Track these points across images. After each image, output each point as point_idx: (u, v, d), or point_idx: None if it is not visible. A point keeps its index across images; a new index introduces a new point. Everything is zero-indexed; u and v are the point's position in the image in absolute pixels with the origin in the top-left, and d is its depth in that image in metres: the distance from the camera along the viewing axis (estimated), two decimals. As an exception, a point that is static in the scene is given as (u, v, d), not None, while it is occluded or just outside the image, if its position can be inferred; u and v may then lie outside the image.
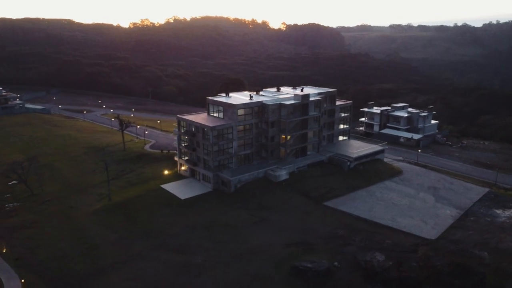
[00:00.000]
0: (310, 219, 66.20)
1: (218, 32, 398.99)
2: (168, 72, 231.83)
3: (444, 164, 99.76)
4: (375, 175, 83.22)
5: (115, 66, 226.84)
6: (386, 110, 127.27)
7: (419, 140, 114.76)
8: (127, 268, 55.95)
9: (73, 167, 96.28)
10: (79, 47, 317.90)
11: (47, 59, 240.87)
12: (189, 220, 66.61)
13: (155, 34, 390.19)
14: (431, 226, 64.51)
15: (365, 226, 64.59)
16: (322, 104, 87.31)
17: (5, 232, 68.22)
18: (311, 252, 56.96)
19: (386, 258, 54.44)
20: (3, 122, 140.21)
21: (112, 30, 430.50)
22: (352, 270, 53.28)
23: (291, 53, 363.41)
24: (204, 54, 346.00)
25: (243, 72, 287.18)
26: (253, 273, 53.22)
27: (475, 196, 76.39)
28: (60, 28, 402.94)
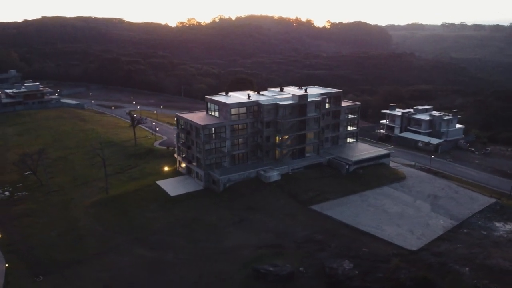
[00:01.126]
0: (291, 222, 65.18)
1: (259, 31, 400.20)
2: (202, 71, 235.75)
3: (459, 172, 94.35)
4: (374, 180, 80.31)
5: (152, 64, 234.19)
6: (407, 112, 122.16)
7: (438, 145, 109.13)
8: (102, 260, 57.99)
9: (85, 160, 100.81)
10: (124, 45, 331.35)
11: (90, 56, 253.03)
12: (172, 217, 67.80)
13: (199, 33, 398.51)
14: (417, 236, 61.35)
15: (347, 232, 62.59)
16: (323, 105, 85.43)
17: (7, 219, 72.86)
18: (280, 256, 56.16)
19: (354, 267, 52.59)
20: (38, 115, 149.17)
21: (160, 29, 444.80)
22: (317, 276, 51.95)
23: (331, 52, 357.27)
24: (244, 53, 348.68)
25: (278, 71, 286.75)
26: (217, 273, 53.33)
27: (477, 206, 71.67)
28: (110, 26, 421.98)
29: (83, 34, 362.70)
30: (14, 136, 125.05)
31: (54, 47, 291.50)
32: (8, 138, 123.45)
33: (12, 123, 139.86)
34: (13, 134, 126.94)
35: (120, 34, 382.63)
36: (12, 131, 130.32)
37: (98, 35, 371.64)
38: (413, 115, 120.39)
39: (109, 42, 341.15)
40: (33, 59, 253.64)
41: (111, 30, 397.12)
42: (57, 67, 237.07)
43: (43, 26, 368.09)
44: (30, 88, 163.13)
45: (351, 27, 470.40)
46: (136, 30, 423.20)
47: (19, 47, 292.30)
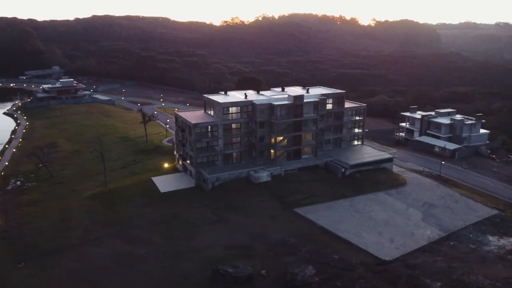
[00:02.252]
0: (269, 224, 64.43)
1: (300, 30, 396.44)
2: (234, 69, 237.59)
3: (471, 180, 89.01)
4: (370, 185, 77.55)
5: (186, 62, 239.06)
6: (427, 115, 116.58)
7: (455, 151, 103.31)
8: (80, 251, 60.14)
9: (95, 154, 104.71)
10: (166, 44, 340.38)
11: (129, 54, 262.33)
12: (156, 212, 69.07)
13: (240, 32, 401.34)
14: (395, 245, 58.62)
15: (323, 237, 60.97)
16: (322, 106, 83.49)
17: (12, 207, 77.34)
18: (247, 257, 55.73)
19: (317, 273, 51.21)
20: (69, 110, 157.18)
21: (203, 28, 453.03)
22: (277, 281, 51.06)
23: (373, 50, 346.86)
24: (281, 51, 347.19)
25: (313, 69, 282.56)
26: (180, 271, 53.83)
27: (474, 217, 67.30)
28: (155, 25, 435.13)
29: (128, 33, 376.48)
30: (41, 129, 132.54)
31: (98, 45, 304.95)
32: (35, 130, 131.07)
33: (43, 116, 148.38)
34: (41, 127, 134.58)
35: (163, 33, 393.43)
36: (40, 124, 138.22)
37: (142, 34, 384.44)
38: (433, 118, 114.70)
39: (151, 41, 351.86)
40: (76, 56, 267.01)
41: (156, 29, 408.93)
42: (97, 64, 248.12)
43: (91, 25, 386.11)
44: (64, 84, 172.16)
45: (397, 26, 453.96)
46: (180, 29, 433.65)
47: (66, 44, 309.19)
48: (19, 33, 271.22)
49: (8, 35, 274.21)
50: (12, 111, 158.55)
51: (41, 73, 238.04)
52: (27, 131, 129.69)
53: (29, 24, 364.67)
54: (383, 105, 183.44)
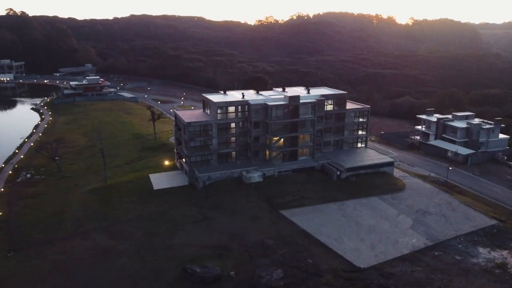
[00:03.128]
0: (251, 225, 64.01)
1: (333, 29, 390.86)
2: (259, 69, 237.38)
3: (480, 187, 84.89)
4: (365, 189, 75.44)
5: (212, 61, 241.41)
6: (443, 118, 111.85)
7: (468, 156, 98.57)
8: (66, 243, 62.15)
9: (108, 150, 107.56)
10: (197, 43, 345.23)
11: (159, 53, 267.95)
12: (144, 209, 70.32)
13: (272, 31, 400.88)
14: (375, 253, 56.75)
15: (303, 240, 59.95)
16: (320, 107, 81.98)
17: (16, 198, 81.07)
18: (221, 258, 55.75)
19: (285, 277, 50.48)
20: (92, 106, 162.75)
21: (237, 27, 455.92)
22: (244, 283, 50.75)
23: (408, 50, 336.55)
24: (313, 50, 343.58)
25: (342, 69, 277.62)
26: (152, 268, 54.55)
27: (468, 227, 64.03)
28: (190, 25, 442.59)
29: (162, 32, 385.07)
30: (62, 124, 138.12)
31: (131, 43, 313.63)
32: (56, 125, 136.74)
33: (67, 112, 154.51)
34: (62, 123, 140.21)
35: (196, 32, 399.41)
36: (63, 119, 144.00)
37: (176, 33, 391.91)
38: (449, 121, 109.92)
39: (183, 40, 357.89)
40: (109, 54, 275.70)
41: (189, 28, 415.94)
42: (127, 63, 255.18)
43: (127, 24, 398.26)
44: (91, 81, 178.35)
45: (435, 25, 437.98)
46: (213, 29, 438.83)
47: (101, 42, 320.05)
48: (56, 32, 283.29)
49: (46, 34, 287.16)
50: (39, 107, 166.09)
51: (75, 70, 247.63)
52: (48, 126, 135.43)
53: (68, 23, 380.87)
54: (409, 107, 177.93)
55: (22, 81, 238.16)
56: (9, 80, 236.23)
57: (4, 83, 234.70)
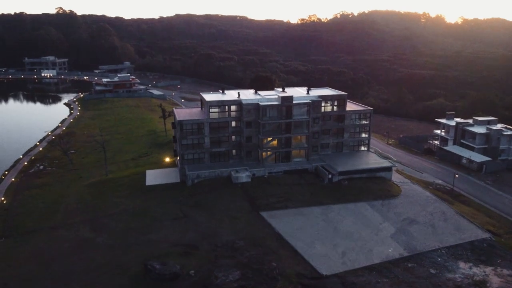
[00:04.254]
0: (227, 225, 63.69)
1: (376, 27, 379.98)
2: (290, 68, 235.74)
3: (488, 197, 79.93)
4: (355, 194, 72.90)
5: (243, 60, 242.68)
6: (462, 123, 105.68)
7: (482, 164, 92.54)
8: (52, 233, 64.99)
9: (122, 145, 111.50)
10: (235, 42, 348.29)
11: (193, 52, 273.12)
12: (130, 204, 71.93)
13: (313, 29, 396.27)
14: (344, 260, 54.72)
15: (274, 243, 58.95)
16: (317, 108, 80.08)
17: (23, 188, 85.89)
18: (187, 256, 55.98)
19: (240, 279, 49.94)
20: (119, 102, 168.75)
21: (278, 26, 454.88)
22: (201, 282, 50.65)
23: (453, 50, 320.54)
24: (352, 49, 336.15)
25: (379, 69, 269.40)
26: (120, 261, 55.71)
27: (455, 239, 60.20)
28: (232, 24, 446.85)
29: (203, 31, 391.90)
30: (87, 119, 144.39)
31: (171, 42, 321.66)
32: (81, 120, 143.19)
33: (95, 108, 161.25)
34: (88, 117, 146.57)
35: (236, 31, 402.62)
36: (89, 115, 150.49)
37: (216, 32, 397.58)
38: (468, 126, 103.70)
39: (223, 39, 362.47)
40: (148, 53, 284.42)
41: (230, 28, 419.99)
42: (163, 61, 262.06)
43: (171, 23, 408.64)
44: (121, 79, 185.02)
45: (486, 24, 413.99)
46: (254, 28, 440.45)
47: (143, 41, 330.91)
48: (98, 30, 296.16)
49: (90, 32, 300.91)
50: (71, 102, 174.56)
51: (114, 67, 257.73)
52: (74, 121, 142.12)
53: (115, 22, 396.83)
54: (440, 110, 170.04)
55: (64, 77, 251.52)
56: (52, 76, 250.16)
57: (48, 78, 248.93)
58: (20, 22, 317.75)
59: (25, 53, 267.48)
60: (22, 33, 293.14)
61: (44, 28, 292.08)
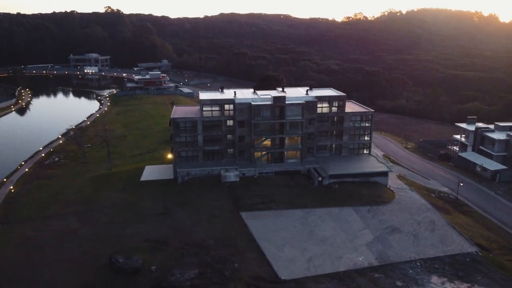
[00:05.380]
0: (204, 223, 63.81)
1: (422, 26, 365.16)
2: (322, 67, 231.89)
3: (496, 208, 75.25)
4: (344, 198, 70.66)
5: (276, 59, 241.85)
6: (482, 128, 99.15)
7: (496, 172, 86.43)
8: (43, 222, 68.13)
9: (136, 141, 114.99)
10: (274, 41, 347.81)
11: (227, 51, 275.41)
12: (120, 198, 74.06)
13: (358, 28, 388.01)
14: (308, 266, 53.24)
15: (243, 244, 58.44)
16: (311, 109, 78.32)
17: (33, 178, 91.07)
18: (154, 251, 56.85)
19: (196, 278, 50.08)
20: (147, 99, 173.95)
21: (322, 24, 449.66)
22: (159, 278, 51.30)
23: (501, 51, 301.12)
24: (394, 49, 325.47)
25: (421, 69, 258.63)
26: (92, 253, 57.51)
27: (435, 252, 56.76)
28: (274, 23, 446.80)
29: (245, 30, 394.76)
30: (113, 115, 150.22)
31: (210, 41, 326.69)
32: (107, 115, 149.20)
33: (123, 104, 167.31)
34: (114, 113, 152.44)
35: (277, 30, 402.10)
36: (116, 110, 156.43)
37: (258, 31, 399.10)
38: (488, 132, 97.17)
39: (262, 38, 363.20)
40: (186, 51, 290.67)
41: (272, 26, 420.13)
42: (199, 60, 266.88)
43: (213, 22, 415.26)
44: (152, 76, 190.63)
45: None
46: (296, 26, 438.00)
47: (184, 40, 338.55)
48: (140, 29, 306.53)
49: (134, 31, 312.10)
50: (103, 98, 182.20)
51: (152, 65, 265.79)
52: (100, 116, 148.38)
53: (161, 21, 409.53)
54: (475, 113, 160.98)
55: (105, 74, 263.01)
56: (94, 72, 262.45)
57: (90, 74, 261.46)
58: (70, 20, 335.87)
59: (71, 50, 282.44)
60: (70, 31, 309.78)
61: (90, 26, 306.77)
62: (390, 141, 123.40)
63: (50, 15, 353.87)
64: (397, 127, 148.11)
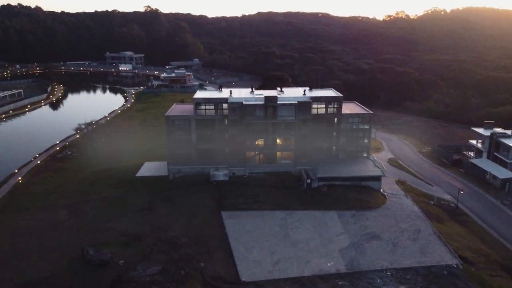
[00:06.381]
0: (183, 221, 64.36)
1: (464, 26, 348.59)
2: (351, 67, 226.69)
3: (498, 220, 71.01)
4: (330, 202, 68.90)
5: (303, 58, 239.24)
6: (498, 134, 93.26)
7: (506, 181, 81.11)
8: (35, 213, 71.22)
9: (148, 138, 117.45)
10: (308, 39, 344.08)
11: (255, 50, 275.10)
12: (111, 192, 76.05)
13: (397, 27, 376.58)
14: (273, 269, 52.34)
15: (215, 243, 58.46)
16: (305, 110, 76.79)
17: (42, 170, 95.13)
18: (126, 246, 58.00)
19: (157, 274, 50.57)
20: (169, 97, 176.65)
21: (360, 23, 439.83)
22: (122, 271, 52.18)
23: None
24: (432, 48, 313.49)
25: (456, 70, 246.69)
26: (70, 244, 59.31)
27: (411, 262, 54.11)
28: (311, 21, 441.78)
29: (280, 28, 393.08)
30: (133, 111, 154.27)
31: (242, 40, 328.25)
32: (128, 112, 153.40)
33: (146, 101, 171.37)
34: (134, 110, 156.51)
35: (313, 28, 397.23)
36: (137, 107, 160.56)
37: (293, 29, 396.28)
38: (504, 138, 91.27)
39: (296, 36, 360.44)
40: (217, 50, 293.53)
41: (308, 25, 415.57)
42: (228, 59, 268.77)
43: (249, 21, 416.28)
44: (178, 75, 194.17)
45: None
46: (333, 25, 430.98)
47: (218, 39, 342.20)
48: (175, 28, 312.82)
49: (169, 29, 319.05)
50: (129, 95, 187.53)
51: (183, 64, 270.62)
52: (121, 112, 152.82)
53: (198, 19, 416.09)
54: (507, 117, 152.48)
55: (138, 71, 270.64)
56: (128, 69, 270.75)
57: (124, 72, 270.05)
58: (110, 18, 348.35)
59: (108, 47, 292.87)
60: (109, 29, 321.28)
61: (128, 25, 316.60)
62: (406, 145, 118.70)
63: (92, 13, 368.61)
64: (418, 130, 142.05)
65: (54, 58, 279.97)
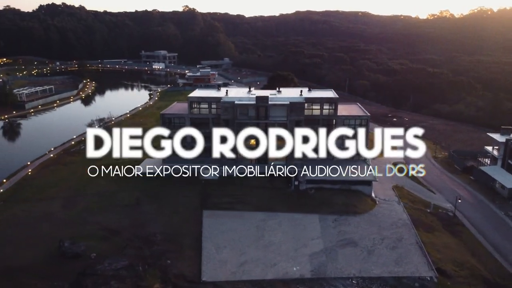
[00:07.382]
0: (163, 218, 65.16)
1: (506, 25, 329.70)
2: (382, 67, 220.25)
3: (497, 231, 66.96)
4: (316, 205, 67.54)
5: (333, 58, 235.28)
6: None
7: (513, 191, 76.13)
8: (34, 204, 74.20)
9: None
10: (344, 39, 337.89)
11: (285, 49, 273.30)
12: (106, 187, 78.11)
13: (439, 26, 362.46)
14: (236, 270, 51.92)
15: (188, 241, 58.91)
16: (298, 111, 75.50)
17: (53, 163, 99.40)
18: (103, 240, 59.54)
19: (122, 269, 51.58)
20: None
21: (399, 22, 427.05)
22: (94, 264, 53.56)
23: None
24: (474, 49, 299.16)
25: (496, 72, 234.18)
26: (53, 235, 61.30)
27: (381, 271, 51.93)
28: (348, 20, 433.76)
29: (316, 27, 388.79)
30: (154, 109, 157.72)
31: (275, 39, 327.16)
32: (148, 109, 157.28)
33: (169, 99, 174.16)
34: (155, 107, 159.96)
35: (350, 27, 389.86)
36: (159, 105, 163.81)
37: (329, 28, 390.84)
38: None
39: (332, 35, 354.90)
40: (250, 50, 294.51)
41: (345, 24, 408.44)
42: (258, 58, 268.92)
43: (285, 20, 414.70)
44: (202, 73, 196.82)
45: None
46: (372, 24, 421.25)
47: (251, 38, 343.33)
48: (208, 27, 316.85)
49: (203, 29, 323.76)
50: (154, 92, 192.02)
51: (214, 63, 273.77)
52: (142, 109, 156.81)
53: (235, 19, 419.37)
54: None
55: (170, 70, 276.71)
56: (161, 68, 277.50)
57: (157, 70, 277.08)
58: (148, 18, 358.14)
59: (144, 46, 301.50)
60: (146, 28, 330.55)
61: (164, 24, 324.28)
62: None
63: (132, 13, 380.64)
64: (441, 135, 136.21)
65: (92, 56, 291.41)
